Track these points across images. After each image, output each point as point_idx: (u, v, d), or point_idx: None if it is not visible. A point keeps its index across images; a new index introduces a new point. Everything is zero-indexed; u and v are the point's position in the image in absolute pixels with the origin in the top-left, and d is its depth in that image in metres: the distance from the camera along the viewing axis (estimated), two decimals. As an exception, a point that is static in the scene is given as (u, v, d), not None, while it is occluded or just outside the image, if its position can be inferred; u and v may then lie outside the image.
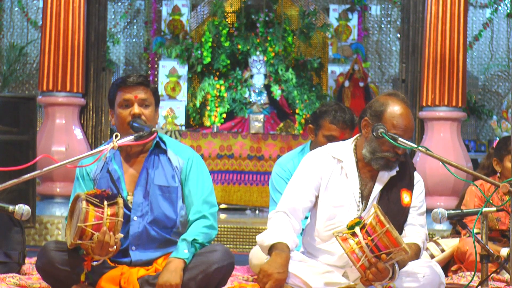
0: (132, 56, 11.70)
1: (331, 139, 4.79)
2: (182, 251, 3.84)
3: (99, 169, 4.02)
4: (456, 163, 3.84)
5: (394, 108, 3.79)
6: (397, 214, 3.81)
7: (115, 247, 3.70)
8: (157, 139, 4.02)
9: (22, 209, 3.69)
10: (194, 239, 3.88)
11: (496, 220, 5.14)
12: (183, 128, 10.49)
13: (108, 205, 3.71)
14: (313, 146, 4.92)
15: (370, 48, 11.62)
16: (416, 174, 3.94)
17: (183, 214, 3.99)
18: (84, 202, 3.69)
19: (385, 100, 3.83)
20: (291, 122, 10.29)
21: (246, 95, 10.91)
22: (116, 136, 3.73)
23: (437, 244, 5.26)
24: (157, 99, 4.05)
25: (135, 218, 3.93)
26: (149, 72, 11.32)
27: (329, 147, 3.98)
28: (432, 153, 3.78)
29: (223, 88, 10.89)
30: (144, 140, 3.82)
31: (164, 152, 4.01)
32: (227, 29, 10.97)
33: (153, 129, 3.84)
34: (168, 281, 3.75)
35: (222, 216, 8.46)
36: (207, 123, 10.80)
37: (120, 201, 3.75)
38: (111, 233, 3.68)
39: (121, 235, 3.72)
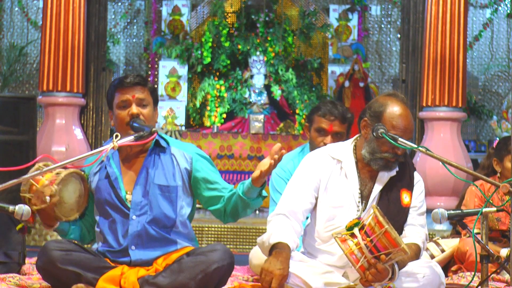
0: (132, 56, 11.70)
1: (321, 132, 4.81)
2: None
3: (96, 169, 4.02)
4: (456, 163, 3.84)
5: (394, 109, 3.79)
6: (397, 214, 3.81)
7: (48, 197, 3.76)
8: (157, 137, 4.02)
9: (22, 209, 3.69)
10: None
11: (496, 220, 5.14)
12: (183, 128, 10.49)
13: (60, 170, 3.82)
14: (310, 145, 4.93)
15: (370, 48, 11.62)
16: (416, 174, 3.94)
17: (182, 213, 3.99)
18: (42, 163, 3.82)
19: (385, 100, 3.83)
20: (291, 122, 10.30)
21: (246, 95, 10.92)
22: (116, 136, 3.73)
23: (437, 244, 5.26)
24: (155, 98, 4.05)
25: (134, 217, 3.93)
26: (149, 72, 11.33)
27: (328, 147, 3.98)
28: (432, 153, 3.78)
29: (223, 88, 10.89)
30: (144, 140, 3.82)
31: (164, 150, 4.02)
32: (227, 29, 10.97)
33: (153, 129, 3.84)
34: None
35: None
36: (207, 123, 10.81)
37: (75, 170, 3.87)
38: (50, 184, 3.75)
39: (56, 187, 3.78)
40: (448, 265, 5.21)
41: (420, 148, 3.77)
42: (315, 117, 4.87)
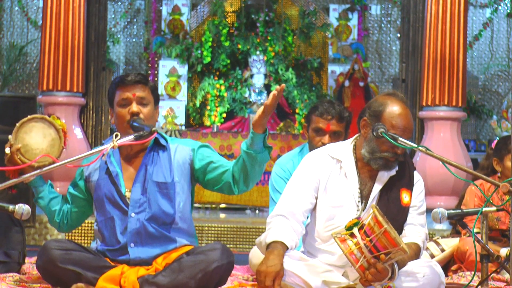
0: (132, 56, 11.71)
1: (319, 132, 4.81)
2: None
3: (96, 167, 4.03)
4: (456, 162, 3.84)
5: (393, 108, 3.79)
6: (396, 214, 3.81)
7: (8, 149, 3.87)
8: (157, 135, 4.02)
9: (22, 208, 3.69)
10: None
11: (496, 220, 5.14)
12: (183, 127, 10.50)
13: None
14: (308, 145, 4.93)
15: (370, 47, 11.63)
16: (415, 173, 3.94)
17: (181, 209, 3.99)
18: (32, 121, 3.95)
19: (384, 100, 3.83)
20: (291, 121, 10.30)
21: (246, 95, 10.92)
22: (116, 135, 3.73)
23: (437, 243, 5.26)
24: (156, 97, 4.06)
25: (132, 214, 3.93)
26: (149, 72, 11.33)
27: (328, 147, 3.97)
28: (432, 152, 3.78)
29: (223, 87, 10.90)
30: (144, 139, 3.82)
31: (164, 148, 4.02)
32: (227, 28, 10.97)
33: (153, 128, 3.84)
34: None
35: (222, 215, 8.46)
36: (207, 122, 10.81)
37: (39, 115, 3.97)
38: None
39: (11, 136, 3.89)
40: (448, 264, 5.21)
41: (420, 147, 3.77)
42: (312, 117, 4.87)
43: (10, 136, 3.92)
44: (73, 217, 4.14)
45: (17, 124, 3.93)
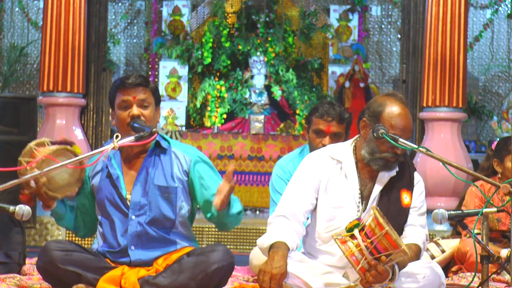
0: (133, 57, 11.71)
1: (319, 133, 4.81)
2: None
3: (97, 169, 4.02)
4: (456, 163, 3.84)
5: (392, 109, 3.79)
6: (397, 215, 3.81)
7: (33, 182, 3.72)
8: (157, 138, 4.01)
9: (22, 209, 3.69)
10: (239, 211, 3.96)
11: (497, 221, 5.14)
12: (184, 128, 10.50)
13: (57, 147, 3.80)
14: (309, 146, 4.93)
15: (370, 48, 11.62)
16: (416, 174, 3.93)
17: (182, 214, 3.99)
18: (33, 142, 3.81)
19: (383, 100, 3.83)
20: (292, 122, 10.30)
21: (247, 96, 10.92)
22: (117, 136, 3.73)
23: (438, 244, 5.26)
24: (157, 99, 4.05)
25: (133, 217, 3.93)
26: (150, 73, 11.33)
27: (328, 148, 3.97)
28: (433, 153, 3.78)
29: (223, 88, 10.89)
30: (145, 140, 3.82)
31: (165, 151, 4.01)
32: (228, 29, 10.97)
33: (154, 129, 3.84)
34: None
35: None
36: (207, 123, 10.81)
37: (61, 146, 3.82)
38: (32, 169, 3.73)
39: (36, 170, 3.72)
40: (449, 265, 5.21)
41: (420, 148, 3.77)
42: (313, 118, 4.87)
43: (35, 171, 3.75)
44: (89, 218, 4.13)
45: (42, 158, 3.78)
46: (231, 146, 9.44)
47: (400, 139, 3.71)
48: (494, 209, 4.00)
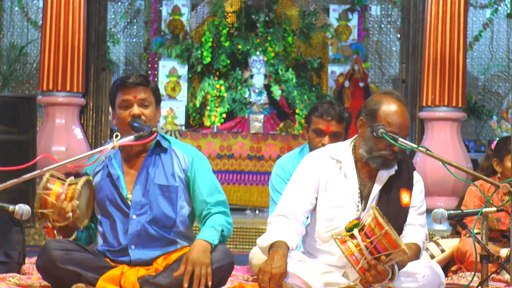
0: (132, 56, 11.71)
1: (318, 133, 4.82)
2: (211, 237, 3.86)
3: (98, 169, 4.03)
4: (456, 163, 3.84)
5: (388, 106, 3.79)
6: (396, 214, 3.81)
7: (70, 213, 3.76)
8: (158, 137, 4.02)
9: (22, 209, 3.69)
10: (222, 230, 3.91)
11: (496, 221, 5.14)
12: (183, 128, 10.50)
13: (71, 180, 3.83)
14: (308, 146, 4.93)
15: (370, 48, 11.62)
16: (415, 173, 3.93)
17: (183, 213, 3.99)
18: (47, 175, 3.81)
19: (379, 98, 3.83)
20: (291, 122, 10.30)
21: (246, 95, 10.92)
22: (117, 136, 3.74)
23: (437, 244, 5.26)
24: (157, 98, 4.05)
25: (134, 216, 3.93)
26: (149, 72, 11.33)
27: (327, 148, 3.97)
28: (432, 153, 3.78)
29: (223, 88, 10.89)
30: (145, 140, 3.82)
31: (165, 151, 4.02)
32: (227, 29, 10.97)
33: (154, 129, 3.84)
34: (199, 259, 3.76)
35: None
36: (207, 123, 10.81)
37: (86, 177, 3.88)
38: (69, 200, 3.76)
39: (77, 202, 3.77)
40: (448, 265, 5.21)
41: (420, 148, 3.77)
42: (312, 117, 4.87)
43: (74, 202, 3.78)
44: (95, 224, 4.12)
45: (79, 189, 3.81)
46: (231, 146, 9.44)
47: (400, 139, 3.71)
48: (494, 209, 4.01)
